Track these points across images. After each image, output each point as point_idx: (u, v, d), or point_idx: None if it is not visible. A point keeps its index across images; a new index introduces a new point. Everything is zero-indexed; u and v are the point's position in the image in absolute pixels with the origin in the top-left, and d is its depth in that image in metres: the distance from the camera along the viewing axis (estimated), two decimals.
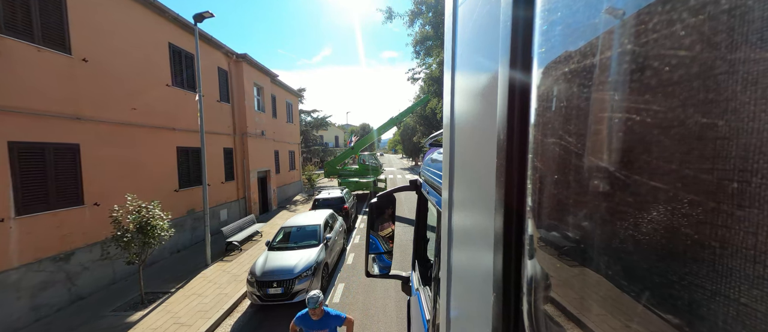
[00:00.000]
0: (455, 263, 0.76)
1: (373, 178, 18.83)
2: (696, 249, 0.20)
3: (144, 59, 8.58)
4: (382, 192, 2.19)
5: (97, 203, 7.00)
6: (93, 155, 7.07)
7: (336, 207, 11.37)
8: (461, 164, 0.71)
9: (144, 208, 6.11)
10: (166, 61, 9.45)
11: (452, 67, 0.77)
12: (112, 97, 7.62)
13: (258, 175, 14.77)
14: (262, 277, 6.24)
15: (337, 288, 7.28)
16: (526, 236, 0.40)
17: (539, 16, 0.36)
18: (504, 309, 0.43)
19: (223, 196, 12.27)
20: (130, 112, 8.08)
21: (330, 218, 9.00)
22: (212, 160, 11.50)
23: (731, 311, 0.19)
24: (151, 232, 5.97)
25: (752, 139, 0.17)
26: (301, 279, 6.29)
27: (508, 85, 0.41)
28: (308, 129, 30.56)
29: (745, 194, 0.18)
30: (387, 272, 2.21)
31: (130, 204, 6.02)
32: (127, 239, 5.72)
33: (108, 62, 7.52)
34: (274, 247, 7.37)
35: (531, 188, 0.38)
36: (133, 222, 5.84)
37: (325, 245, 7.50)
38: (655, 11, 0.22)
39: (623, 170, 0.25)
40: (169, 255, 9.29)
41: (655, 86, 0.23)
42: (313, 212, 9.37)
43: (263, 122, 15.38)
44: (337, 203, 11.55)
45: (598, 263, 0.28)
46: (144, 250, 6.08)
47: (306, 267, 6.50)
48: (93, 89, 7.14)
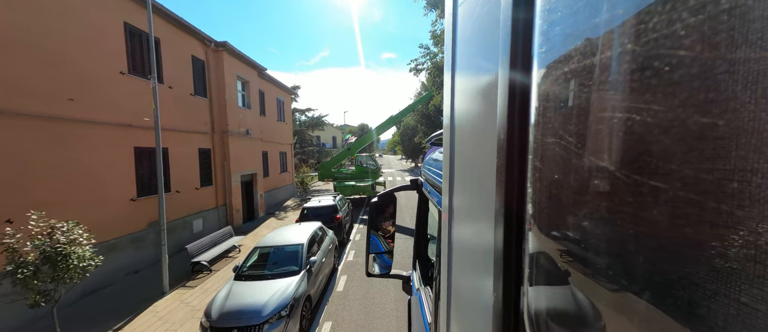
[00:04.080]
0: (456, 262, 0.77)
1: (371, 181, 17.23)
2: (696, 249, 0.20)
3: (87, 40, 6.98)
4: (383, 191, 2.17)
5: (9, 220, 5.39)
6: (6, 157, 5.47)
7: (327, 218, 9.78)
8: (461, 164, 0.71)
9: (58, 230, 4.51)
10: (121, 43, 7.86)
11: (452, 68, 0.77)
12: (39, 84, 6.03)
13: (242, 179, 13.17)
14: (218, 321, 4.65)
15: (322, 327, 5.68)
16: (526, 237, 0.40)
17: (539, 16, 0.36)
18: (504, 309, 0.43)
19: (198, 203, 10.66)
20: (65, 104, 6.48)
21: (318, 234, 7.41)
22: (183, 162, 9.90)
23: (731, 311, 0.19)
24: (63, 263, 4.35)
25: (752, 139, 0.17)
26: (271, 324, 4.69)
27: (508, 85, 0.41)
28: (303, 129, 28.91)
29: (745, 194, 0.18)
30: (387, 272, 2.17)
31: (35, 225, 4.41)
32: (25, 275, 4.10)
33: (32, 40, 5.93)
34: (243, 275, 5.77)
35: (531, 188, 0.38)
36: (34, 250, 4.23)
37: (307, 272, 5.91)
38: (655, 11, 0.22)
39: (623, 170, 0.25)
40: (123, 278, 7.67)
41: (655, 86, 0.23)
42: (298, 225, 7.77)
43: (249, 119, 13.80)
44: (328, 213, 9.94)
45: (598, 263, 0.28)
46: (56, 287, 4.46)
47: (280, 305, 4.91)
48: (7, 73, 5.55)
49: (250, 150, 13.81)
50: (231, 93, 12.35)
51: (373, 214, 2.12)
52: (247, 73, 13.79)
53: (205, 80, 11.29)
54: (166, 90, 9.24)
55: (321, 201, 10.55)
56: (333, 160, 18.83)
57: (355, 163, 19.56)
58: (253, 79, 14.35)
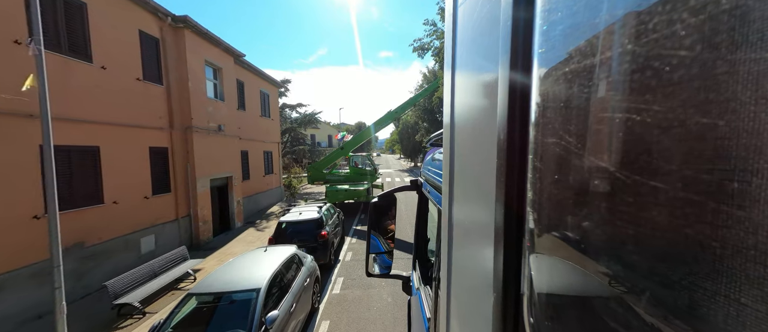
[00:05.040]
0: (455, 263, 0.77)
1: (367, 185, 15.11)
2: (696, 249, 0.20)
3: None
4: (383, 192, 2.15)
5: None
6: None
7: (309, 236, 7.69)
8: (461, 164, 0.71)
9: None
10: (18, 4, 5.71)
11: (452, 67, 0.77)
12: None
13: (213, 184, 11.05)
14: None
15: None
16: (526, 237, 0.40)
17: (539, 16, 0.36)
18: (504, 309, 0.43)
19: (150, 216, 8.54)
20: None
21: (290, 265, 5.33)
22: (125, 165, 7.77)
23: (731, 311, 0.19)
24: None
25: (752, 139, 0.17)
26: None
27: (509, 85, 0.41)
28: (295, 127, 26.71)
29: (745, 194, 0.18)
30: (388, 272, 2.17)
31: None
32: None
33: None
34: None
35: (531, 188, 0.38)
36: None
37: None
38: (655, 11, 0.23)
39: (623, 170, 0.25)
40: (16, 329, 5.53)
41: (655, 86, 0.23)
42: (264, 252, 5.68)
43: (222, 113, 11.67)
44: (310, 230, 7.84)
45: (598, 263, 0.28)
46: None
47: None
48: None
49: (223, 149, 11.68)
50: (197, 81, 10.22)
51: (373, 214, 2.10)
52: (219, 59, 11.64)
53: (160, 63, 9.14)
54: (95, 71, 7.11)
55: (302, 213, 8.42)
56: (324, 160, 16.60)
57: (349, 164, 17.45)
58: (227, 66, 12.20)
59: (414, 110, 28.37)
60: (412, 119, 33.65)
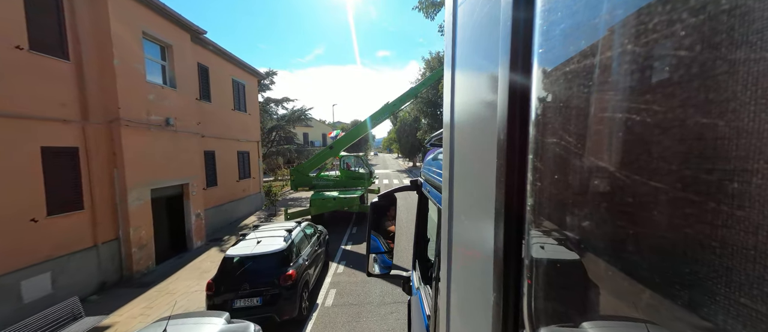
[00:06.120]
0: (455, 262, 0.77)
1: (361, 191, 12.52)
2: (696, 249, 0.20)
3: None
4: (384, 192, 2.13)
5: None
6: None
7: (267, 278, 5.11)
8: (461, 164, 0.71)
9: None
10: None
11: (452, 67, 0.77)
12: None
13: (155, 194, 8.43)
14: None
15: None
16: (525, 236, 0.39)
17: (539, 16, 0.36)
18: (504, 309, 0.43)
19: (44, 246, 5.93)
20: None
21: None
22: None
23: (731, 311, 0.19)
24: None
25: (752, 139, 0.17)
26: None
27: (509, 85, 0.41)
28: (282, 124, 24.02)
29: (745, 194, 0.18)
30: (388, 271, 2.17)
31: None
32: None
33: None
34: None
35: (531, 188, 0.38)
36: None
37: None
38: (655, 11, 0.23)
39: (623, 170, 0.25)
40: None
41: (655, 86, 0.23)
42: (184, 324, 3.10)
43: (173, 103, 9.07)
44: (269, 269, 5.24)
45: (598, 262, 0.28)
46: None
47: None
48: None
49: (175, 149, 9.08)
50: (129, 58, 7.60)
51: (373, 215, 2.10)
52: (167, 34, 9.01)
53: (63, 28, 6.51)
54: None
55: (261, 242, 5.75)
56: (310, 162, 13.82)
57: (340, 166, 14.82)
58: (181, 45, 9.57)
59: (414, 104, 25.71)
60: (412, 114, 31.04)
